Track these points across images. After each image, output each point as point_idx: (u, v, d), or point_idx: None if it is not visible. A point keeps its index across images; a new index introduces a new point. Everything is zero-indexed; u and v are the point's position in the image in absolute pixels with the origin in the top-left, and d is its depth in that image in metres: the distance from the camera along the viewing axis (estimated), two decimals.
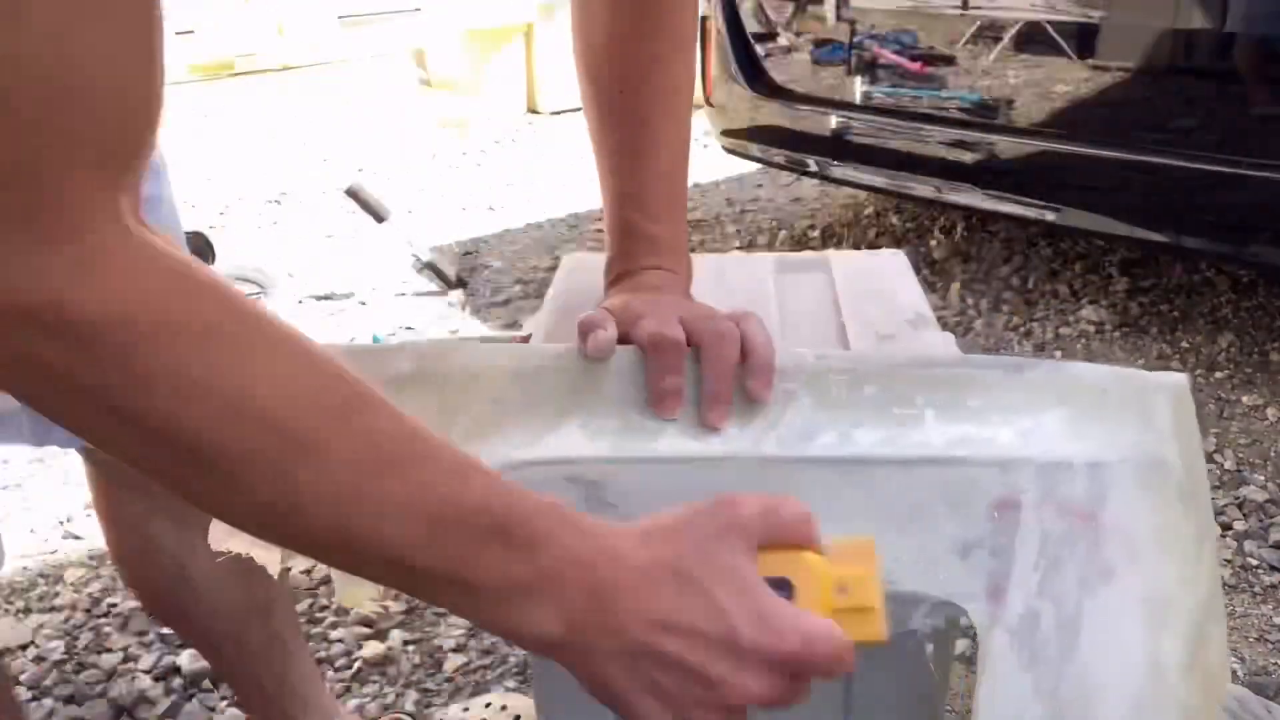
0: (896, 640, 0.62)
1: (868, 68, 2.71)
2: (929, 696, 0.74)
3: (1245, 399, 2.18)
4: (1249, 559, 1.70)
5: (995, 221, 3.09)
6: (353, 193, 3.05)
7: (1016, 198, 2.47)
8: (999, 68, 2.45)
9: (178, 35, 4.43)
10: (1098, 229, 2.44)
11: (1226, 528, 1.77)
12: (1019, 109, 2.44)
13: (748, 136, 3.02)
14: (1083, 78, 2.32)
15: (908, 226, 3.29)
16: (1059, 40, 2.33)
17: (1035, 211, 2.44)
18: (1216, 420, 2.11)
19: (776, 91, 2.90)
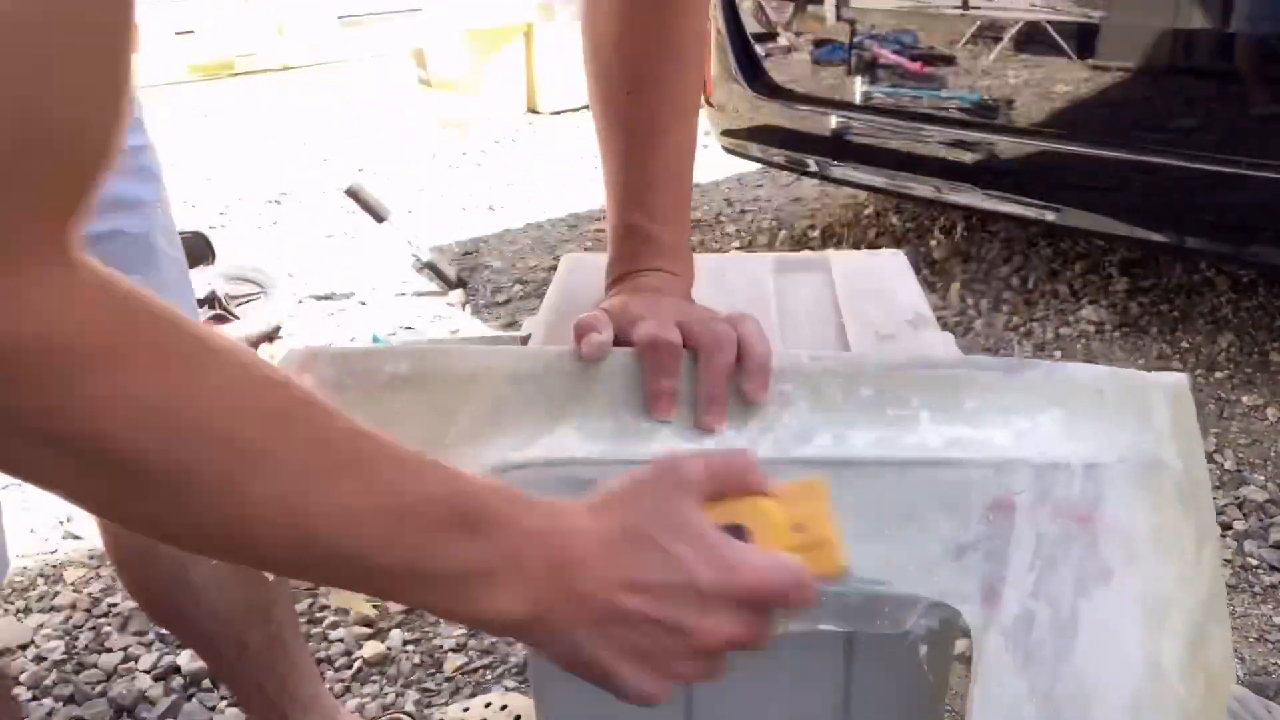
0: (893, 641, 0.62)
1: (868, 68, 2.71)
2: (927, 698, 0.74)
3: (1245, 399, 2.18)
4: (1249, 559, 1.70)
5: (995, 221, 3.09)
6: (353, 193, 3.05)
7: (1016, 198, 2.47)
8: (999, 68, 2.45)
9: (178, 35, 4.43)
10: (1098, 229, 2.43)
11: (1226, 528, 1.77)
12: (1019, 109, 2.43)
13: (748, 136, 3.02)
14: (1083, 78, 2.31)
15: (908, 226, 3.29)
16: (1059, 40, 2.33)
17: (1035, 211, 2.44)
18: (1216, 420, 2.11)
19: (776, 91, 2.90)
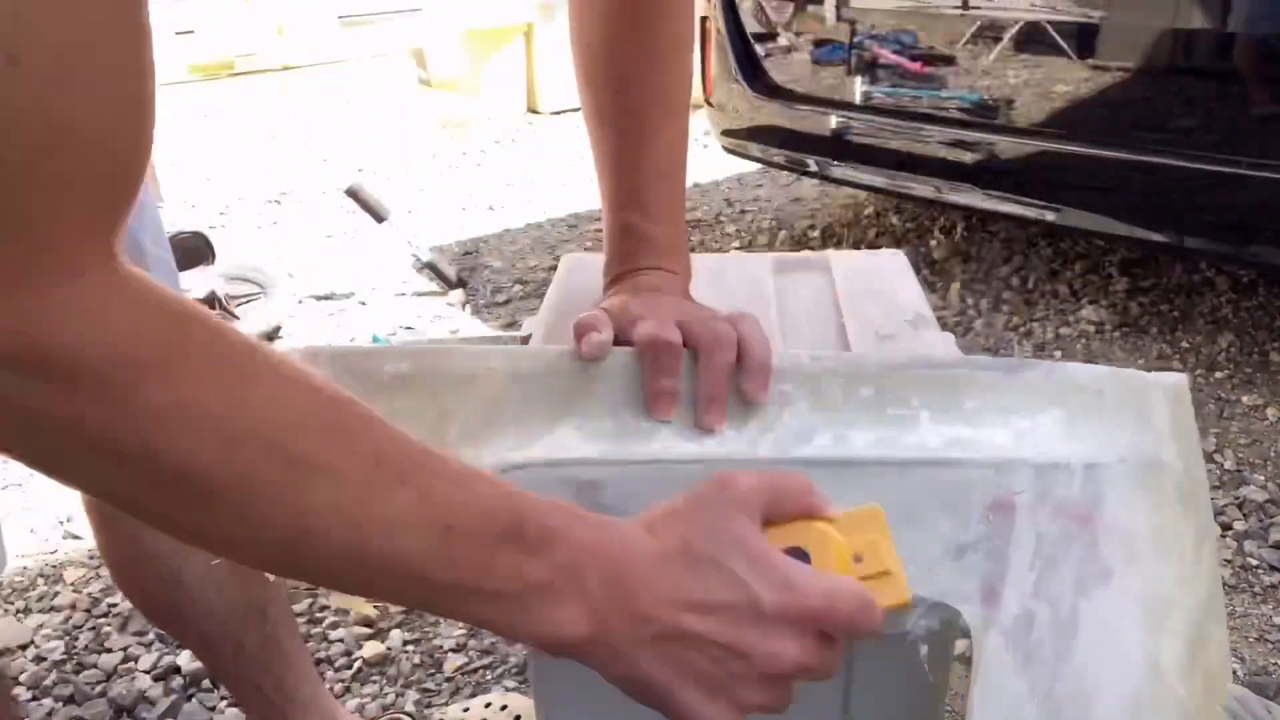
0: (893, 642, 0.62)
1: (868, 68, 2.71)
2: (927, 698, 0.74)
3: (1245, 399, 2.18)
4: (1249, 559, 1.70)
5: (995, 221, 3.09)
6: (353, 193, 3.05)
7: (1016, 198, 2.47)
8: (999, 68, 2.45)
9: (178, 35, 4.43)
10: (1098, 229, 2.43)
11: (1226, 528, 1.77)
12: (1019, 109, 2.43)
13: (748, 136, 3.02)
14: (1083, 78, 2.31)
15: (908, 226, 3.29)
16: (1059, 40, 2.33)
17: (1035, 211, 2.44)
18: (1216, 420, 2.11)
19: (776, 91, 2.90)
